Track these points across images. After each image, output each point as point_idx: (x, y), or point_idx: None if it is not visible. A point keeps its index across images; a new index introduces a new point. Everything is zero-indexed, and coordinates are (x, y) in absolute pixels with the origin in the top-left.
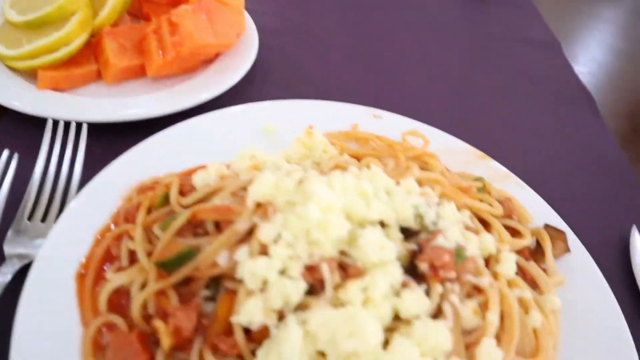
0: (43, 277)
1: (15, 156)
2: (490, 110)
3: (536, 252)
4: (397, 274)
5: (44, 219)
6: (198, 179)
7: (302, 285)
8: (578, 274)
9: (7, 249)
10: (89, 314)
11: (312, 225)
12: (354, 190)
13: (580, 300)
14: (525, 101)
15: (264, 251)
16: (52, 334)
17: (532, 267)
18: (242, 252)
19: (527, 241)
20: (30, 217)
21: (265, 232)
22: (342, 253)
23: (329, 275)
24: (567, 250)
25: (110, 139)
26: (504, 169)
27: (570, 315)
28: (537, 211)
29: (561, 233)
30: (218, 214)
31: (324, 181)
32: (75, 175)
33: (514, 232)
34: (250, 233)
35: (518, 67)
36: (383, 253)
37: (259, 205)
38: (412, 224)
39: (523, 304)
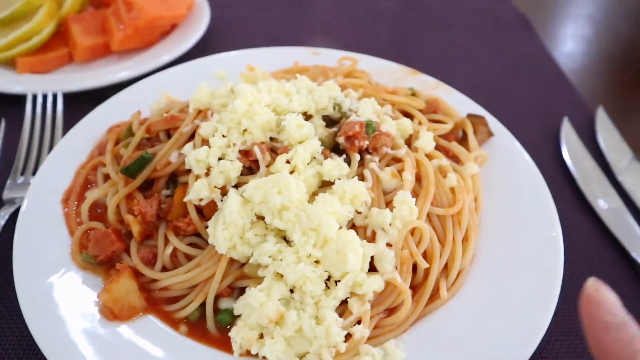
0: (35, 202)
1: (3, 122)
2: (430, 41)
3: (463, 140)
4: (316, 145)
5: (34, 173)
6: (153, 107)
7: (239, 165)
8: (502, 152)
9: (5, 195)
10: (75, 225)
11: (241, 115)
12: (278, 91)
13: (506, 171)
14: (464, 31)
15: (205, 144)
16: (46, 243)
17: (453, 145)
18: (187, 147)
19: (448, 126)
20: (23, 173)
21: (204, 128)
22: (272, 140)
23: (260, 154)
24: (490, 134)
25: (88, 109)
26: (433, 80)
27: (496, 188)
28: (464, 108)
29: (481, 118)
30: (167, 123)
31: (251, 86)
32: (57, 137)
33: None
34: (194, 135)
35: (457, 5)
36: (302, 131)
37: (199, 112)
38: (332, 112)
39: (442, 170)
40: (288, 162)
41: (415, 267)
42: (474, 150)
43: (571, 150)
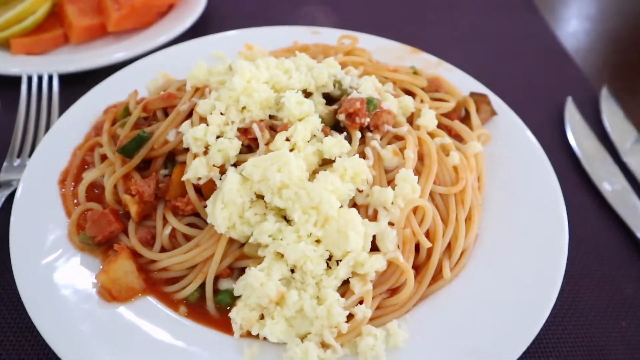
0: (32, 184)
1: None
2: (431, 20)
3: (466, 119)
4: (316, 122)
5: (30, 154)
6: (150, 85)
7: (238, 143)
8: (506, 131)
9: (1, 177)
10: (72, 207)
11: (239, 93)
12: (277, 68)
13: (509, 150)
14: (467, 9)
15: (203, 122)
16: (43, 224)
17: (455, 124)
18: (185, 125)
19: (450, 104)
20: (19, 155)
21: (202, 106)
22: (272, 117)
23: (259, 132)
24: (494, 112)
25: (84, 90)
26: (434, 58)
27: (499, 167)
28: (466, 87)
29: (484, 96)
30: (164, 102)
31: (249, 63)
32: (53, 118)
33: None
34: (191, 113)
35: None
36: (302, 108)
37: (197, 89)
38: (332, 89)
39: (444, 149)
40: (288, 139)
41: (417, 247)
42: (476, 129)
43: (575, 130)
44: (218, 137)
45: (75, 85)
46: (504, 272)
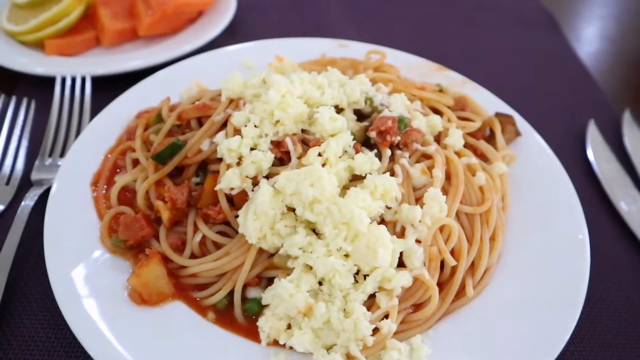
0: (65, 185)
1: (33, 103)
2: (454, 37)
3: (491, 138)
4: (348, 139)
5: (62, 155)
6: (183, 94)
7: (271, 156)
8: (529, 152)
9: (33, 176)
10: (104, 209)
11: (274, 106)
12: (310, 83)
13: (533, 171)
14: (490, 27)
15: (237, 134)
16: (76, 225)
17: (481, 143)
18: (219, 135)
19: (476, 124)
20: (50, 154)
21: (236, 118)
22: (304, 132)
23: (292, 146)
24: (518, 133)
25: (115, 93)
26: (460, 76)
27: (523, 188)
28: (491, 106)
29: (509, 117)
30: (199, 111)
31: (283, 77)
32: (85, 120)
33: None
34: (226, 124)
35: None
36: (335, 124)
37: (231, 101)
38: (363, 106)
39: (470, 168)
40: (320, 154)
41: (442, 264)
42: (501, 150)
43: (597, 152)
44: (252, 149)
45: (106, 89)
46: (526, 293)
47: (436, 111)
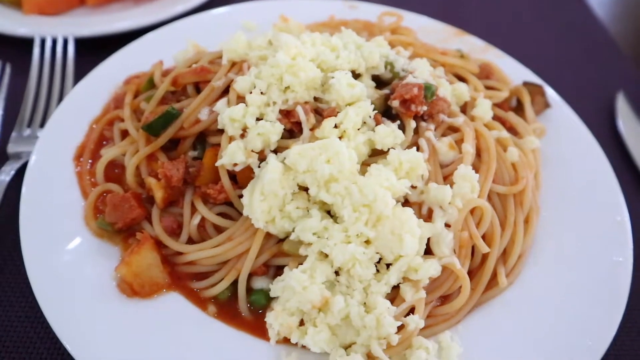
0: (44, 158)
1: (8, 67)
2: (472, 4)
3: (518, 109)
4: (368, 108)
5: (42, 125)
6: (178, 56)
7: (280, 127)
8: (560, 125)
9: (10, 149)
10: (88, 187)
11: (283, 70)
12: (323, 45)
13: (565, 147)
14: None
15: (241, 101)
16: (57, 205)
17: (510, 115)
18: (220, 103)
19: (504, 93)
20: (29, 125)
21: (240, 83)
22: (317, 100)
23: (304, 115)
24: (548, 105)
25: (101, 57)
26: (481, 42)
27: (554, 165)
28: (517, 76)
29: (539, 87)
30: (196, 76)
31: (294, 37)
32: (67, 86)
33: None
34: (227, 90)
35: None
36: (353, 91)
37: (234, 64)
38: (383, 72)
39: (501, 143)
40: (336, 126)
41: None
42: (531, 122)
43: (627, 126)
44: (258, 119)
45: (92, 52)
46: (563, 282)
47: (460, 79)
